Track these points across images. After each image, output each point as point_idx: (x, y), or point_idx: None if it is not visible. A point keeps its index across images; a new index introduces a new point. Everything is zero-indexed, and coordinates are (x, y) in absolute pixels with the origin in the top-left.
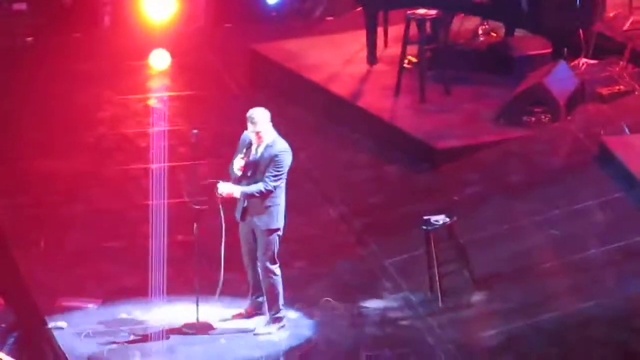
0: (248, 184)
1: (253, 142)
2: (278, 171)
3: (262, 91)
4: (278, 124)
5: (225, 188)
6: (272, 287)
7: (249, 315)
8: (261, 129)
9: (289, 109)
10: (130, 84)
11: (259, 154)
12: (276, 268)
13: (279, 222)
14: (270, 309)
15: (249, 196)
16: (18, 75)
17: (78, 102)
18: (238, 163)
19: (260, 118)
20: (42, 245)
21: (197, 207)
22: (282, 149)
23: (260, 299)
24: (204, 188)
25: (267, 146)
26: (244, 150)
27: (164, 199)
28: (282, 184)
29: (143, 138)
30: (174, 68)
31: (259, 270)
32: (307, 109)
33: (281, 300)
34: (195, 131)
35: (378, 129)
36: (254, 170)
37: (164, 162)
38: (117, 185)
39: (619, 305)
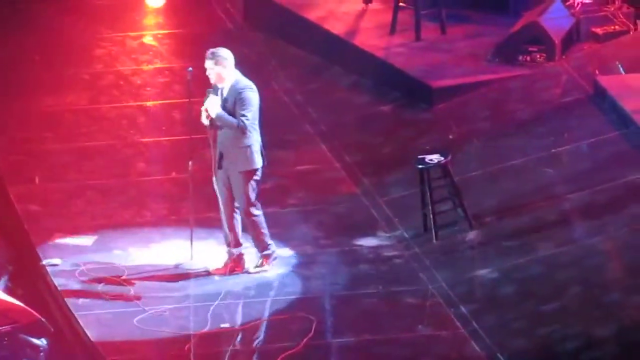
0: (221, 130)
1: (215, 84)
2: (246, 109)
3: (257, 29)
4: (272, 62)
5: (209, 104)
6: (257, 228)
7: (230, 271)
8: (222, 69)
9: (284, 48)
10: (126, 22)
11: (223, 96)
12: (256, 209)
13: (255, 163)
14: (259, 249)
15: (224, 123)
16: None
17: (74, 39)
18: (204, 113)
19: (223, 56)
20: (37, 182)
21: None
22: (246, 85)
23: (236, 251)
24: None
25: (231, 86)
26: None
27: (158, 137)
28: (255, 124)
29: (138, 75)
30: (169, 6)
31: (241, 214)
32: (302, 47)
33: (268, 238)
34: (190, 69)
35: (373, 67)
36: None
37: (159, 100)
38: (113, 123)
39: (608, 239)
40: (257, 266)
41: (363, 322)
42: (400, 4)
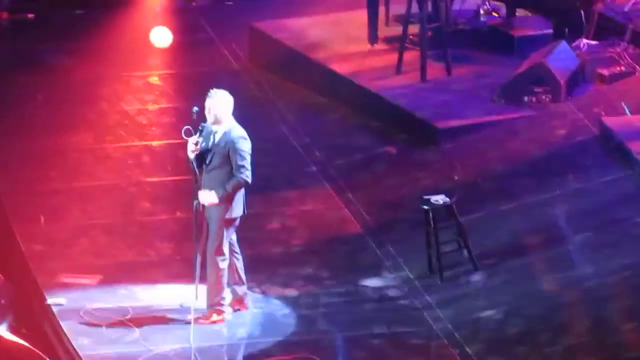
0: (208, 172)
1: (211, 126)
2: (245, 160)
3: (263, 69)
4: (278, 102)
5: (204, 197)
6: (217, 276)
7: (234, 310)
8: (220, 111)
9: (290, 88)
10: (131, 61)
11: (216, 140)
12: (222, 261)
13: (235, 212)
14: (209, 299)
15: (229, 195)
16: (20, 51)
17: (79, 78)
18: (191, 146)
19: (223, 99)
20: (42, 221)
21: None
22: (239, 135)
23: (240, 290)
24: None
25: (225, 132)
26: (200, 135)
27: (164, 176)
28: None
29: (144, 115)
30: (175, 46)
31: (208, 257)
32: (307, 87)
33: (223, 292)
34: (196, 109)
35: (379, 107)
36: (212, 157)
37: (164, 140)
38: (118, 162)
39: (613, 281)
40: (200, 317)
41: None
42: (406, 44)
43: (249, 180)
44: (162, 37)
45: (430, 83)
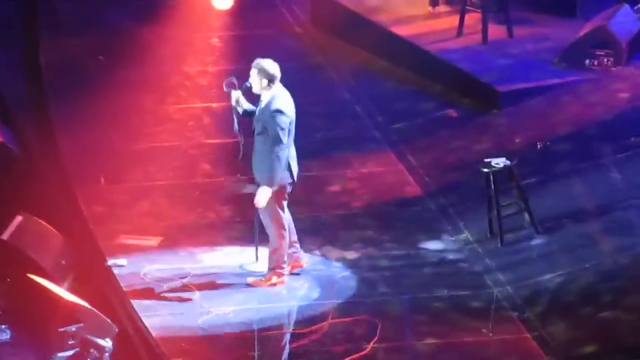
0: (255, 137)
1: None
2: (276, 133)
3: (324, 31)
4: (339, 65)
5: (260, 196)
6: (276, 242)
7: (291, 270)
8: (261, 81)
9: (350, 51)
10: (192, 23)
11: (260, 108)
12: (278, 225)
13: (280, 179)
14: (269, 263)
15: (275, 175)
16: (82, 12)
17: (141, 39)
18: (233, 101)
19: (266, 69)
20: (103, 182)
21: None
22: (275, 107)
23: (292, 250)
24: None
25: (268, 102)
26: (243, 92)
27: (224, 138)
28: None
29: (205, 76)
30: (236, 8)
31: (264, 223)
32: (368, 50)
33: (284, 257)
34: (234, 78)
35: (440, 71)
36: (255, 123)
37: (224, 102)
38: (179, 123)
39: None
40: (260, 278)
41: (427, 326)
42: (467, 7)
43: (279, 157)
44: None
45: (492, 46)
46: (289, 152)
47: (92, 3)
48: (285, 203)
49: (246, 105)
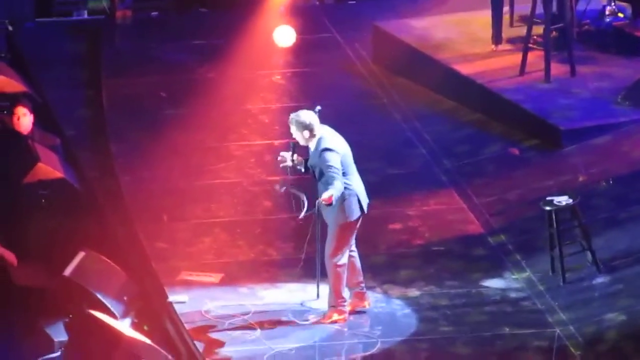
0: (320, 181)
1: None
2: (328, 170)
3: (386, 69)
4: (400, 102)
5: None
6: (335, 278)
7: (352, 308)
8: (301, 134)
9: (412, 88)
10: (254, 60)
11: (312, 154)
12: (339, 260)
13: (345, 217)
14: (330, 300)
15: (327, 201)
16: (143, 49)
17: (202, 77)
18: (284, 162)
19: (301, 122)
20: (165, 219)
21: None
22: (323, 147)
23: (357, 289)
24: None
25: (315, 147)
26: (293, 153)
27: (286, 175)
28: (348, 177)
29: (267, 114)
30: (298, 45)
31: (325, 260)
32: (431, 88)
33: (344, 293)
34: (318, 108)
35: (502, 108)
36: (314, 170)
37: (286, 139)
38: (240, 160)
39: None
40: (320, 315)
41: None
42: (530, 45)
43: (335, 190)
44: (285, 36)
45: (554, 84)
46: (354, 188)
47: (154, 42)
48: (353, 240)
49: (302, 163)
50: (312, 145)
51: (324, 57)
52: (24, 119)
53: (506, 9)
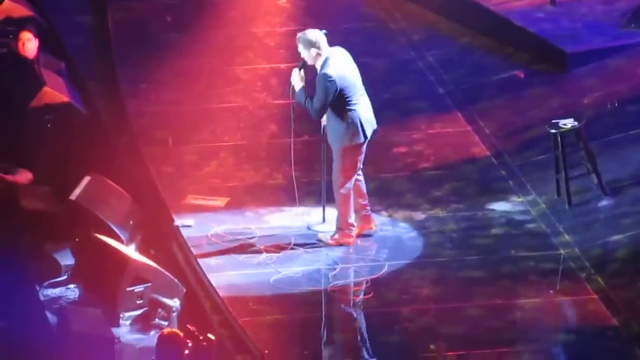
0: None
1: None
2: (316, 95)
3: None
4: (405, 26)
5: (294, 79)
6: (342, 204)
7: (359, 232)
8: (308, 53)
9: (416, 11)
10: None
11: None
12: (344, 186)
13: (345, 141)
14: (337, 223)
15: (297, 98)
16: None
17: (208, 0)
18: (294, 78)
19: (309, 40)
20: (170, 143)
21: None
22: (323, 73)
23: (363, 212)
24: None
25: (321, 65)
26: (300, 69)
27: (291, 99)
28: (347, 105)
29: (272, 37)
30: None
31: (333, 183)
32: (435, 11)
33: (351, 219)
34: (324, 32)
35: (507, 31)
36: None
37: (292, 62)
38: (246, 84)
39: None
40: (327, 237)
41: (493, 287)
42: None
43: (312, 114)
44: None
45: (560, 7)
46: (358, 113)
47: None
48: (359, 164)
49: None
50: (318, 65)
51: None
52: (29, 44)
53: None
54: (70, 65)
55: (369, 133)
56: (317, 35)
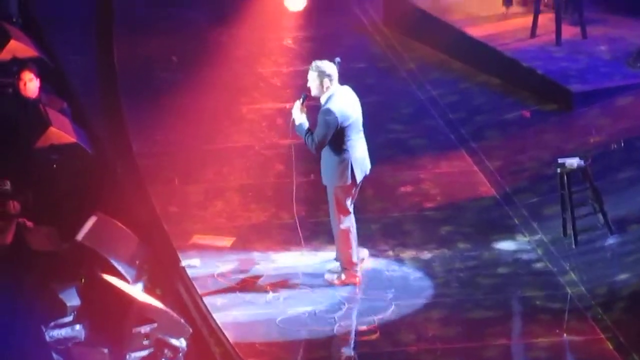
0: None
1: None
2: (317, 129)
3: (396, 31)
4: (411, 64)
5: (295, 112)
6: (341, 242)
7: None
8: (320, 83)
9: (422, 50)
10: (265, 24)
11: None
12: (342, 223)
13: (338, 180)
14: (340, 263)
15: (298, 132)
16: (155, 12)
17: (214, 39)
18: (295, 110)
19: (324, 70)
20: (177, 183)
21: None
22: (324, 107)
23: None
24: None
25: (324, 103)
26: (302, 103)
27: (298, 139)
28: (343, 143)
29: (278, 77)
30: (309, 8)
31: (331, 222)
32: (441, 50)
33: (354, 257)
34: (338, 60)
35: (514, 71)
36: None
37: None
38: (252, 124)
39: None
40: (334, 277)
41: (500, 327)
42: (541, 7)
43: (312, 148)
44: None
45: (565, 47)
46: (351, 154)
47: (163, 3)
48: (349, 203)
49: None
50: (322, 99)
51: (335, 20)
52: (30, 84)
53: None
54: (75, 105)
55: (358, 176)
56: (331, 68)
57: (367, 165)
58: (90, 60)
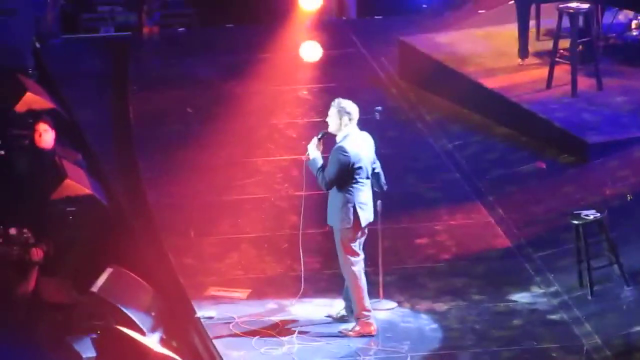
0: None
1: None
2: (329, 167)
3: (412, 83)
4: (427, 117)
5: (311, 147)
6: (351, 286)
7: (337, 319)
8: (340, 121)
9: (439, 102)
10: (280, 75)
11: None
12: (350, 267)
13: (345, 222)
14: (354, 311)
15: (312, 168)
16: (170, 65)
17: (229, 92)
18: (311, 147)
19: (346, 109)
20: (192, 235)
21: None
22: (338, 146)
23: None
24: None
25: (341, 139)
26: (320, 139)
27: (313, 190)
28: (353, 186)
29: (293, 129)
30: (324, 60)
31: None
32: (457, 102)
33: (365, 302)
34: (379, 108)
35: (529, 122)
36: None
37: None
38: (267, 176)
39: None
40: (350, 328)
41: None
42: (557, 59)
43: (322, 185)
44: (311, 51)
45: (581, 98)
46: (356, 197)
47: (180, 58)
48: (355, 246)
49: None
50: (338, 138)
51: (350, 72)
52: (46, 135)
53: (532, 22)
54: (91, 157)
55: (362, 220)
56: (354, 108)
57: (370, 212)
58: (105, 114)
